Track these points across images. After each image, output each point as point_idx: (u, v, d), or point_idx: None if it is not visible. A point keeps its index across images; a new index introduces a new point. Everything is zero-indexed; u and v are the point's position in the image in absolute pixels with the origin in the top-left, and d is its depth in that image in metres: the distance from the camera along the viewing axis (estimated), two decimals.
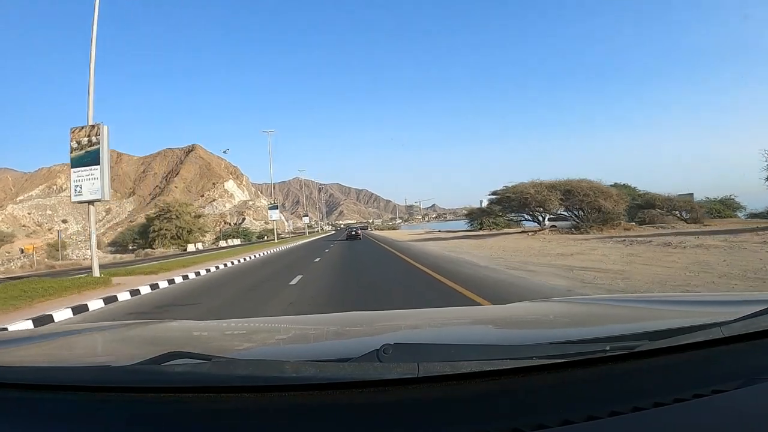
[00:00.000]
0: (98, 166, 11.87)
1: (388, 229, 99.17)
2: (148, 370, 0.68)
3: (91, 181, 11.92)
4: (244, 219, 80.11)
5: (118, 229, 76.98)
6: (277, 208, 43.63)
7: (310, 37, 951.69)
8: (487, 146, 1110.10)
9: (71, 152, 11.98)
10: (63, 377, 0.75)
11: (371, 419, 0.65)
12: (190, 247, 49.68)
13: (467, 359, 0.67)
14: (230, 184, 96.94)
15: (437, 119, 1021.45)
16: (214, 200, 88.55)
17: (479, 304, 5.23)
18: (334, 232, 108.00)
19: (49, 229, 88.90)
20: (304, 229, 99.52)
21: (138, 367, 0.70)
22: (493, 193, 37.09)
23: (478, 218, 43.86)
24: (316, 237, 57.23)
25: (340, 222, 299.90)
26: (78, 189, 12.04)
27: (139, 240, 59.33)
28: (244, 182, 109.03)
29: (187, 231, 56.59)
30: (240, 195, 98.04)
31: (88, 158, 11.93)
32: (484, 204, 42.33)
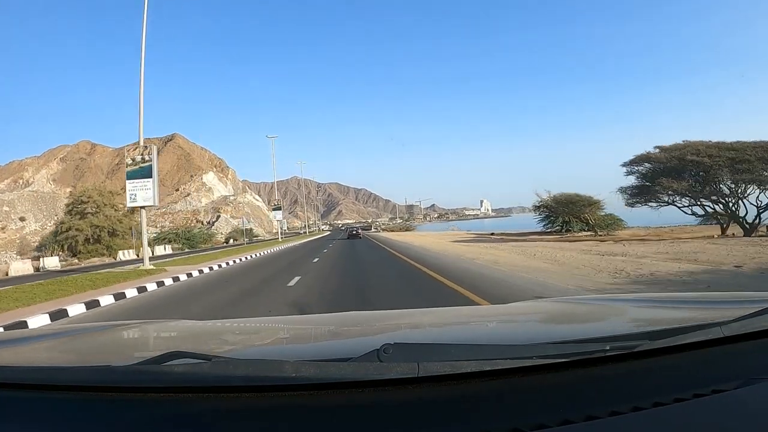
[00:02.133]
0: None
1: (400, 230, 72.17)
2: (148, 370, 0.68)
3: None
4: (218, 216, 68.14)
5: None
6: (150, 176, 14.45)
7: (308, 35, 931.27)
8: (486, 147, 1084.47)
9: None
10: (63, 377, 0.74)
11: (371, 419, 0.65)
12: (14, 268, 21.84)
13: (467, 359, 0.67)
14: (210, 177, 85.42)
15: (437, 119, 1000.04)
16: (188, 194, 77.27)
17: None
18: (329, 232, 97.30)
19: (2, 228, 76.45)
20: (298, 228, 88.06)
21: (138, 367, 0.69)
22: (644, 159, 20.64)
23: (562, 213, 25.88)
24: (288, 244, 33.83)
25: (339, 222, 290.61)
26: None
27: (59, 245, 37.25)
28: (229, 176, 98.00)
29: (109, 232, 36.17)
30: (222, 189, 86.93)
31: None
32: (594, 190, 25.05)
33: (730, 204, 19.37)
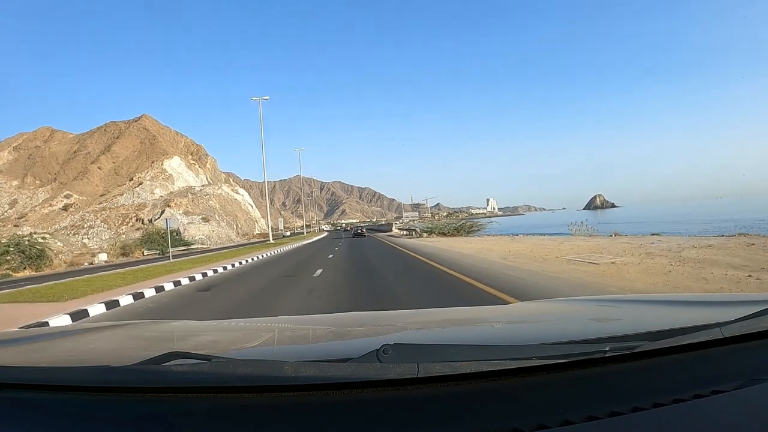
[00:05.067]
0: None
1: (455, 234, 30.82)
2: (147, 370, 0.68)
3: None
4: (162, 212, 50.42)
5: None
6: None
7: (310, 32, 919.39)
8: (490, 146, 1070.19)
9: None
10: (63, 377, 0.74)
11: (371, 419, 0.65)
12: None
13: (467, 359, 0.67)
14: (174, 163, 67.85)
15: (440, 118, 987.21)
16: (140, 184, 60.70)
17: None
18: (326, 233, 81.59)
19: None
20: (301, 228, 69.29)
21: (138, 367, 0.69)
22: None
23: None
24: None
25: (342, 221, 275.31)
26: None
27: None
28: (207, 165, 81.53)
29: None
30: (191, 179, 70.06)
31: None
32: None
33: None
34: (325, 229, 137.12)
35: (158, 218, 47.11)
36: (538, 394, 0.69)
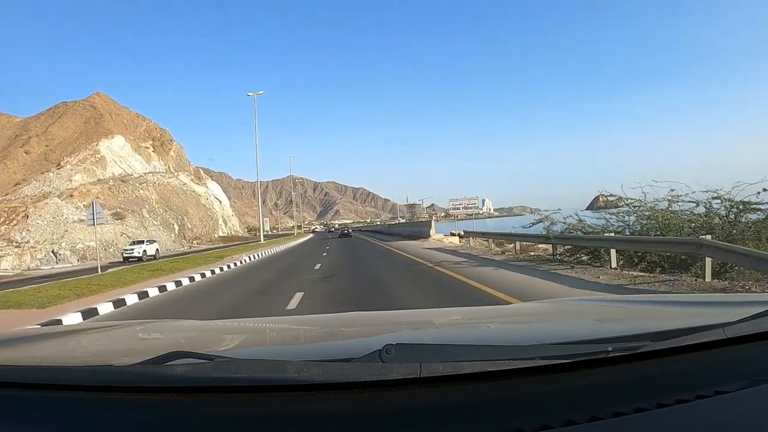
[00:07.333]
0: None
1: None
2: (150, 370, 0.68)
3: None
4: (45, 205, 34.92)
5: None
6: None
7: (306, 32, 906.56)
8: (485, 147, 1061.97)
9: None
10: (65, 377, 0.74)
11: (373, 419, 0.65)
12: None
13: (470, 360, 0.67)
14: (116, 144, 52.54)
15: (435, 118, 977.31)
16: (60, 167, 47.11)
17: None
18: (312, 235, 68.99)
19: None
20: (291, 228, 52.81)
21: (140, 367, 0.69)
22: None
23: None
24: None
25: (336, 222, 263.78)
26: None
27: None
28: (171, 152, 68.37)
29: None
30: (139, 165, 56.71)
31: None
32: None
33: None
34: (316, 229, 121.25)
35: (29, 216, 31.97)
36: (541, 395, 0.69)
